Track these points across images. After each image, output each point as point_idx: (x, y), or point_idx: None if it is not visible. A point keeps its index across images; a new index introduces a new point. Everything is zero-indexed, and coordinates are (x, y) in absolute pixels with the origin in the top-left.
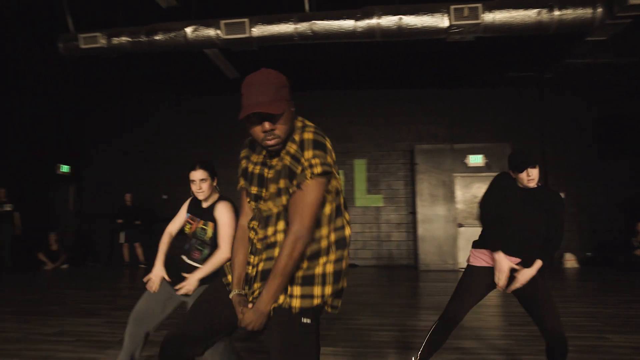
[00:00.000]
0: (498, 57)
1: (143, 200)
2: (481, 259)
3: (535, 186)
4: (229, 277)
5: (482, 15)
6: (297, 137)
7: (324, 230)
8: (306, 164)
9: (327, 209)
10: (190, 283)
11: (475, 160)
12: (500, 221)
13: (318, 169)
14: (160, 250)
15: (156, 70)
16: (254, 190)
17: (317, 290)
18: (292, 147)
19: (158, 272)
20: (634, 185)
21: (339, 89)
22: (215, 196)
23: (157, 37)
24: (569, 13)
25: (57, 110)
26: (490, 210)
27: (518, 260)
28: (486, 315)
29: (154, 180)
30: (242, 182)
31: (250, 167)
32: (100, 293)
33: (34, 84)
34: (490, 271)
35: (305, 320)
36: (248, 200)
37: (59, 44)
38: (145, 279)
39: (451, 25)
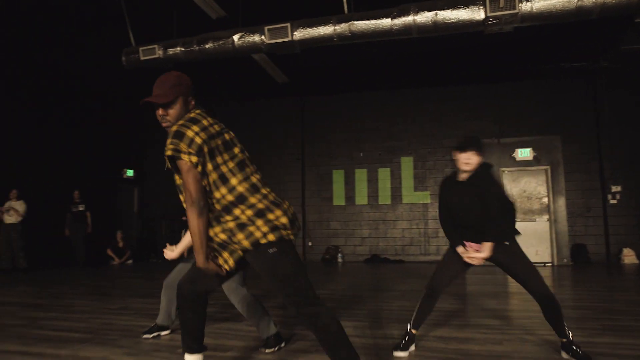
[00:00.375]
0: (546, 48)
1: None
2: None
3: (471, 172)
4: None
5: (519, 4)
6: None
7: (217, 194)
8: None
9: (212, 179)
10: None
11: (524, 154)
12: (452, 218)
13: (167, 152)
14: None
15: (211, 77)
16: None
17: (253, 229)
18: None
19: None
20: None
21: (385, 89)
22: None
23: (207, 46)
24: None
25: (122, 119)
26: (442, 216)
27: (478, 245)
28: (505, 298)
29: None
30: None
31: None
32: (160, 281)
33: (103, 97)
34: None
35: (270, 250)
36: None
37: (122, 57)
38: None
39: (487, 17)
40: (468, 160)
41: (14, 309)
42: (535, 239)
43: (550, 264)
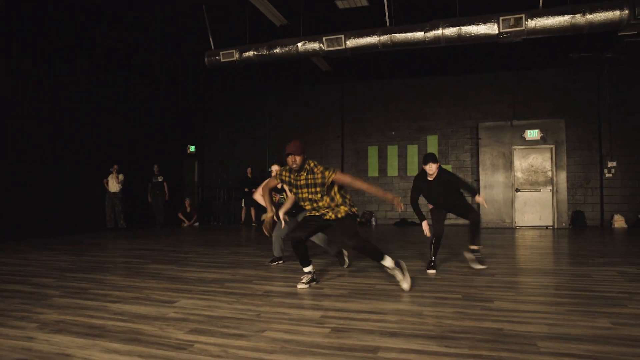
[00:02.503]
0: (556, 40)
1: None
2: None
3: (435, 176)
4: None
5: (525, 23)
6: (306, 166)
7: (331, 192)
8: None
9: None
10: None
11: (532, 134)
12: (425, 199)
13: (331, 175)
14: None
15: (265, 70)
16: (300, 189)
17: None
18: (307, 168)
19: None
20: None
21: (414, 76)
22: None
23: (275, 50)
24: (599, 16)
25: (187, 102)
26: (413, 196)
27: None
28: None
29: (261, 157)
30: (286, 186)
31: (291, 179)
32: (246, 235)
33: (174, 85)
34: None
35: (351, 213)
36: (289, 189)
37: (205, 58)
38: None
39: (500, 32)
40: (432, 169)
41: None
42: (540, 206)
43: (551, 227)
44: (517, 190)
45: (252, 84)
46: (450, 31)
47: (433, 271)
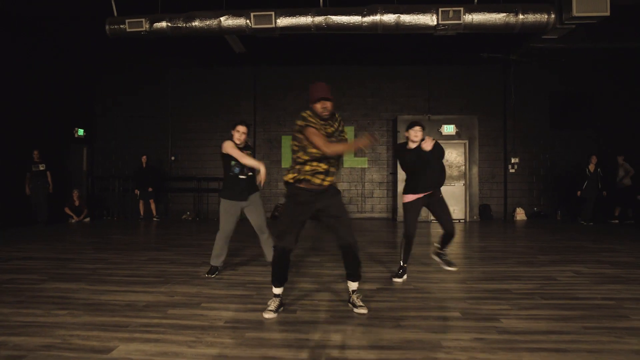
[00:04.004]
0: (470, 38)
1: (152, 163)
2: (409, 196)
3: (418, 144)
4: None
5: (463, 16)
6: (337, 115)
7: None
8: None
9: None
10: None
11: (448, 129)
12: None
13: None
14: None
15: (168, 44)
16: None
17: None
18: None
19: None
20: (579, 152)
21: (332, 64)
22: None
23: (194, 24)
24: (530, 17)
25: (73, 78)
26: (405, 166)
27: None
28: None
29: (162, 143)
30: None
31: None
32: (155, 233)
33: (61, 55)
34: (417, 200)
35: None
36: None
37: (106, 26)
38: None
39: (438, 24)
40: (417, 134)
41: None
42: (454, 200)
43: (463, 220)
44: None
45: (156, 59)
46: (389, 18)
47: (400, 279)
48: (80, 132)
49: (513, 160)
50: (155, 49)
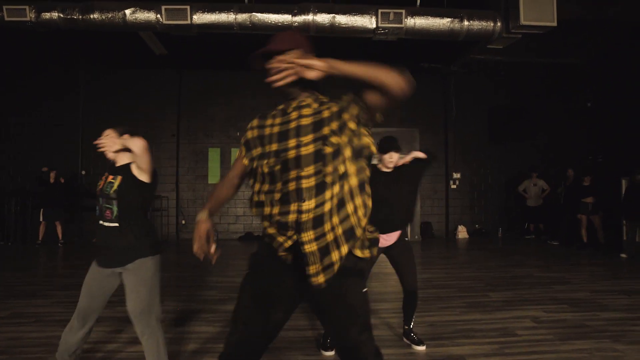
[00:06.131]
0: (413, 47)
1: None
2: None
3: (393, 168)
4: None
5: (405, 20)
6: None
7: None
8: None
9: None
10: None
11: None
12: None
13: None
14: None
15: (78, 40)
16: None
17: None
18: None
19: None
20: (518, 165)
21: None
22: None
23: (93, 16)
24: (475, 24)
25: None
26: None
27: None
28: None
29: (72, 155)
30: None
31: None
32: (34, 272)
33: None
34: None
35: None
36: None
37: None
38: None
39: (378, 27)
40: (393, 158)
41: None
42: None
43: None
44: None
45: (62, 55)
46: (323, 18)
47: (330, 353)
48: None
49: (455, 176)
50: (63, 45)
